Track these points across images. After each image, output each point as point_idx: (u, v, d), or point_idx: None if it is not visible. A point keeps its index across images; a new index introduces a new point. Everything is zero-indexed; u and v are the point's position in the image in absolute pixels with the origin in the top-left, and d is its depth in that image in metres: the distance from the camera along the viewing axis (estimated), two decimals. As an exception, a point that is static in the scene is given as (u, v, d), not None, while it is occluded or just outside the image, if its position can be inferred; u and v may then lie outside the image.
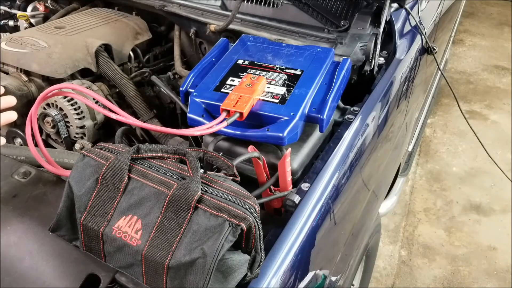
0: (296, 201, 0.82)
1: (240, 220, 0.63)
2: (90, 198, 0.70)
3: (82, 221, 0.70)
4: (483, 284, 2.00)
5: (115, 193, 0.69)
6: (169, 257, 0.63)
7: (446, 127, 3.01)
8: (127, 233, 0.67)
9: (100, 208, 0.69)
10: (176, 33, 1.54)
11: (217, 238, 0.62)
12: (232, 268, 0.64)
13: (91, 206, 0.70)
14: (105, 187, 0.70)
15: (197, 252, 0.62)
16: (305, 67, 1.04)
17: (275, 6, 1.35)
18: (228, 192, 0.68)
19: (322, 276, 0.91)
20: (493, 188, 2.51)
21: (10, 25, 1.68)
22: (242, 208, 0.65)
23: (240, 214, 0.64)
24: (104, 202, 0.69)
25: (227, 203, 0.65)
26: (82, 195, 0.70)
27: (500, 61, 3.76)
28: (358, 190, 1.08)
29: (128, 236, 0.66)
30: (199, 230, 0.63)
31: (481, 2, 4.75)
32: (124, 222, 0.67)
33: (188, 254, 0.62)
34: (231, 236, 0.62)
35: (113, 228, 0.68)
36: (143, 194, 0.68)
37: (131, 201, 0.68)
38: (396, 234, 2.25)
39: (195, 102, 0.95)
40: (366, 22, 1.25)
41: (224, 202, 0.65)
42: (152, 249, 0.65)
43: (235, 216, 0.64)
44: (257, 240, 0.65)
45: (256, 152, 0.84)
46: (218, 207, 0.65)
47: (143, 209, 0.67)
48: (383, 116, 1.16)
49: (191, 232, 0.64)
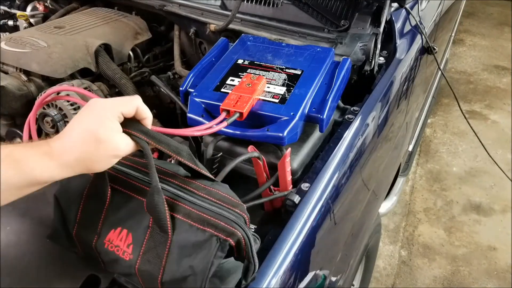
0: (296, 201, 0.82)
1: (228, 235, 0.61)
2: (78, 211, 0.69)
3: (75, 234, 0.69)
4: (483, 284, 2.00)
5: (102, 206, 0.68)
6: (161, 272, 0.62)
7: (446, 127, 3.01)
8: (119, 247, 0.65)
9: (89, 221, 0.68)
10: (176, 33, 1.54)
11: (205, 254, 0.61)
12: (229, 271, 0.64)
13: (80, 219, 0.68)
14: (91, 200, 0.68)
15: (187, 269, 0.61)
16: (305, 67, 1.04)
17: (275, 6, 1.35)
18: (215, 201, 0.65)
19: (322, 276, 0.91)
20: (493, 188, 2.50)
21: (9, 25, 1.68)
22: (229, 221, 0.62)
23: (227, 229, 0.61)
24: (92, 215, 0.68)
25: (213, 216, 0.63)
26: (70, 209, 0.69)
27: (500, 61, 3.75)
28: (358, 190, 1.08)
29: (120, 250, 0.65)
30: (187, 245, 0.62)
31: (481, 2, 4.74)
32: (115, 235, 0.66)
33: (178, 271, 0.61)
34: (220, 252, 0.61)
35: (104, 242, 0.66)
36: (131, 206, 0.67)
37: (119, 214, 0.67)
38: (396, 234, 2.25)
39: (195, 102, 0.94)
40: (366, 22, 1.25)
41: (210, 215, 0.63)
42: (144, 263, 0.64)
43: (222, 231, 0.61)
44: (248, 250, 0.63)
45: (256, 152, 0.84)
46: (205, 220, 0.63)
47: (132, 222, 0.66)
48: (383, 116, 1.16)
49: (179, 247, 0.62)
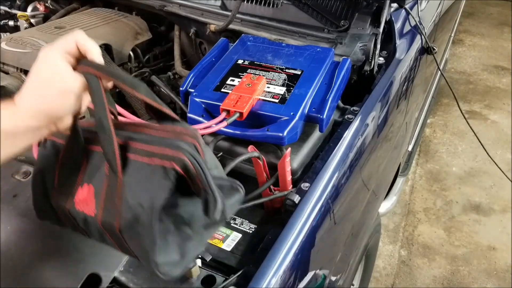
0: (296, 201, 0.82)
1: (171, 161, 0.55)
2: (55, 179, 0.66)
3: (54, 204, 0.67)
4: (483, 284, 2.00)
5: (76, 169, 0.65)
6: (117, 219, 0.59)
7: (446, 127, 3.01)
8: (85, 205, 0.63)
9: (63, 186, 0.66)
10: (176, 33, 1.54)
11: (150, 186, 0.56)
12: (185, 219, 0.58)
13: (56, 186, 0.67)
14: (65, 165, 0.66)
15: (137, 207, 0.57)
16: (305, 67, 1.04)
17: (275, 6, 1.35)
18: (164, 131, 0.60)
19: (322, 276, 0.91)
20: (493, 188, 2.51)
21: (10, 25, 1.68)
22: (174, 147, 0.56)
23: (171, 155, 0.56)
24: (65, 180, 0.66)
25: (158, 145, 0.58)
26: (49, 178, 0.67)
27: (500, 61, 3.75)
28: (358, 190, 1.08)
29: (86, 207, 0.63)
30: (136, 183, 0.58)
31: (481, 2, 4.74)
32: (81, 194, 0.63)
33: (130, 213, 0.58)
34: (165, 180, 0.56)
35: (74, 204, 0.64)
36: (94, 161, 0.64)
37: (87, 171, 0.64)
38: (396, 234, 2.25)
39: (195, 102, 0.95)
40: (366, 22, 1.25)
41: (154, 145, 0.58)
42: (105, 215, 0.60)
43: (166, 158, 0.56)
44: (202, 178, 0.56)
45: (256, 152, 0.84)
46: (149, 153, 0.58)
47: (94, 175, 0.63)
48: (383, 116, 1.16)
49: (129, 188, 0.59)
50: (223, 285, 0.71)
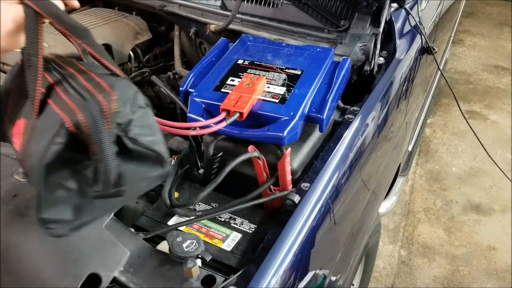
0: (296, 201, 0.82)
1: (69, 116, 0.52)
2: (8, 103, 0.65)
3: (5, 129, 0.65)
4: (483, 284, 2.00)
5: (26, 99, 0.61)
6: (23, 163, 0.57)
7: (446, 127, 3.01)
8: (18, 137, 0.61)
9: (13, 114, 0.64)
10: (176, 33, 1.54)
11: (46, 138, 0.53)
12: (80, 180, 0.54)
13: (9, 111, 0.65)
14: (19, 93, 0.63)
15: (32, 157, 0.54)
16: (305, 67, 1.04)
17: (275, 6, 1.35)
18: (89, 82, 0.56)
19: (322, 276, 0.91)
20: (493, 188, 2.51)
21: (10, 25, 1.68)
22: (79, 104, 0.53)
23: (69, 111, 0.53)
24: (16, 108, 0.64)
25: (71, 98, 0.54)
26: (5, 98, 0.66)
27: (500, 61, 3.75)
28: (358, 190, 1.08)
29: (17, 141, 0.61)
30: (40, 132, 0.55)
31: (481, 2, 4.74)
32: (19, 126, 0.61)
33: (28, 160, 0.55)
34: (57, 137, 0.52)
35: (12, 133, 0.62)
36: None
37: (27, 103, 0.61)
38: (396, 234, 2.25)
39: (195, 102, 0.95)
40: (366, 22, 1.25)
41: (69, 97, 0.55)
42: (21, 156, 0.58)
43: (68, 112, 0.53)
44: (95, 140, 0.51)
45: (256, 152, 0.84)
46: (63, 104, 0.55)
47: (30, 112, 0.59)
48: (383, 116, 1.16)
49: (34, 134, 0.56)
50: (223, 285, 0.71)
